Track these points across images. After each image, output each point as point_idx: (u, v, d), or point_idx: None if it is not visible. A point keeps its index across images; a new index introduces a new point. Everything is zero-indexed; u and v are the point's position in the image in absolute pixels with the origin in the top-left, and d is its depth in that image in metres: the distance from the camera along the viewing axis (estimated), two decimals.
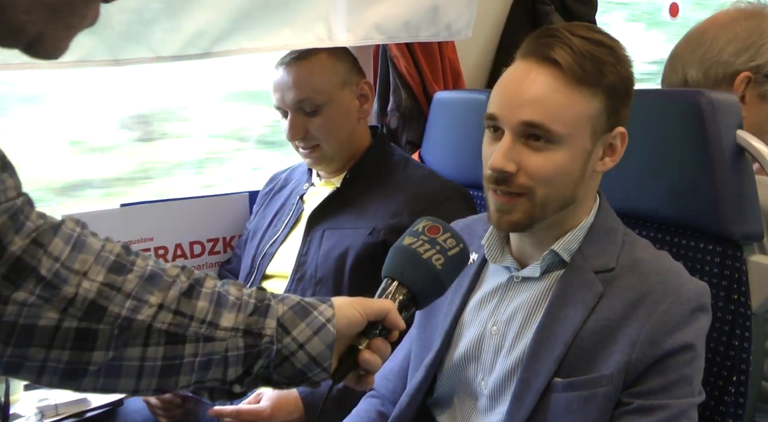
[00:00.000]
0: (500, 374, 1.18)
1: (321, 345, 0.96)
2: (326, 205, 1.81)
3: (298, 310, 0.98)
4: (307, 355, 0.96)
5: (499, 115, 1.13)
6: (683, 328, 1.08)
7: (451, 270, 1.06)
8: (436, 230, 1.06)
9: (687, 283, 1.12)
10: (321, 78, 1.76)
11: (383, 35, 1.93)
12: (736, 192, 1.29)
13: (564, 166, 1.11)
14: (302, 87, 1.75)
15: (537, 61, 1.12)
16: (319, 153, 1.80)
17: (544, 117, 1.09)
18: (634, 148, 1.44)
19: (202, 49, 1.66)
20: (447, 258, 1.04)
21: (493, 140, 1.16)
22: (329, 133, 1.78)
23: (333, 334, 0.96)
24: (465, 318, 1.28)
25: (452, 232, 1.07)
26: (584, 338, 1.11)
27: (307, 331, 0.96)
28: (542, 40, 1.13)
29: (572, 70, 1.09)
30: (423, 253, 1.04)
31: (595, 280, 1.14)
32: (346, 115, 1.81)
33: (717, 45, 1.52)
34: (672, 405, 1.06)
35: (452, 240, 1.06)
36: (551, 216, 1.15)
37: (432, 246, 1.04)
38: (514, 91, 1.12)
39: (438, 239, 1.05)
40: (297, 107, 1.76)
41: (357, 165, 1.84)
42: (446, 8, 2.00)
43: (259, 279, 1.85)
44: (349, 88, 1.82)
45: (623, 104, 1.16)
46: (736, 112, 1.31)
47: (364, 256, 1.70)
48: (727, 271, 1.31)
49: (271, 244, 1.86)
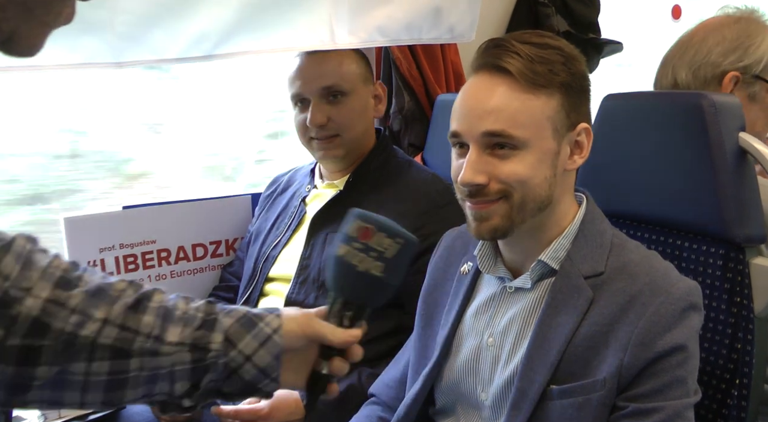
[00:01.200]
0: (499, 385, 1.18)
1: (268, 356, 0.95)
2: (329, 209, 1.80)
3: (244, 322, 0.96)
4: (254, 367, 0.95)
5: (461, 130, 1.15)
6: (674, 329, 1.07)
7: (396, 268, 0.98)
8: (368, 233, 0.98)
9: (676, 283, 1.11)
10: (348, 68, 1.79)
11: (385, 37, 1.94)
12: (738, 194, 1.29)
13: (534, 168, 1.12)
14: (331, 73, 1.76)
15: (489, 73, 1.14)
16: (337, 143, 1.79)
17: (505, 124, 1.10)
18: (637, 151, 1.44)
19: (205, 51, 1.66)
20: (387, 262, 0.97)
21: (459, 156, 1.18)
22: (349, 124, 1.78)
23: (280, 345, 0.95)
24: (462, 328, 1.27)
25: (387, 229, 0.98)
26: (577, 344, 1.11)
27: (253, 343, 0.95)
28: (490, 51, 1.15)
29: (523, 75, 1.10)
30: (358, 265, 0.96)
31: (585, 286, 1.14)
32: (365, 109, 1.83)
33: (705, 46, 1.55)
34: (667, 407, 1.06)
35: (388, 239, 0.97)
36: (530, 219, 1.15)
37: (367, 254, 0.97)
38: (473, 105, 1.14)
39: (371, 244, 0.97)
40: (323, 93, 1.76)
41: (360, 167, 1.84)
42: (449, 11, 1.99)
43: (262, 282, 1.84)
44: (368, 86, 1.84)
45: (581, 101, 1.17)
46: (738, 115, 1.31)
47: None
48: (729, 274, 1.30)
49: (273, 247, 1.86)
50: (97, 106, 2.22)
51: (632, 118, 1.47)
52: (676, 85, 1.58)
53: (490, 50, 1.15)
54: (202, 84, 2.38)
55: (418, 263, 1.64)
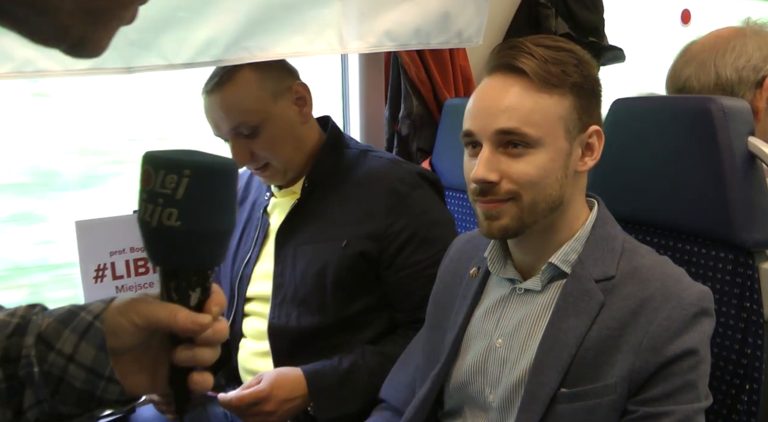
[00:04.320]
0: (507, 387, 1.18)
1: (91, 349, 0.75)
2: (291, 219, 1.74)
3: (64, 317, 0.77)
4: (81, 368, 0.75)
5: (474, 129, 1.16)
6: (685, 334, 1.07)
7: (198, 209, 0.73)
8: (148, 177, 0.73)
9: (687, 288, 1.12)
10: (249, 99, 1.64)
11: (394, 42, 1.93)
12: (747, 199, 1.28)
13: (545, 168, 1.13)
14: (233, 113, 1.63)
15: (503, 73, 1.16)
16: (271, 170, 1.72)
17: (518, 122, 1.12)
18: (646, 155, 1.44)
19: (214, 56, 1.66)
20: (180, 205, 0.72)
21: (472, 156, 1.19)
22: (275, 150, 1.68)
23: (102, 331, 0.75)
24: (471, 330, 1.28)
25: (167, 164, 0.72)
26: (588, 348, 1.11)
27: (72, 338, 0.75)
28: (504, 52, 1.17)
29: (537, 75, 1.13)
30: (150, 221, 0.73)
31: (596, 289, 1.14)
32: (288, 126, 1.70)
33: (747, 50, 1.58)
34: (677, 411, 1.06)
35: (172, 175, 0.71)
36: (542, 219, 1.16)
37: (155, 203, 0.72)
38: (487, 104, 1.16)
39: (156, 188, 0.72)
40: (234, 133, 1.66)
41: (313, 169, 1.74)
42: (457, 16, 2.00)
43: (242, 303, 1.79)
44: (282, 97, 1.69)
45: (592, 104, 1.19)
46: (747, 119, 1.30)
47: (344, 271, 1.64)
48: (738, 279, 1.30)
49: (245, 265, 1.80)
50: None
51: (641, 123, 1.46)
52: (718, 83, 1.59)
53: (504, 51, 1.17)
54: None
55: (398, 261, 1.64)
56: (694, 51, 1.63)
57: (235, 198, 0.76)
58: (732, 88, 1.57)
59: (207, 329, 0.75)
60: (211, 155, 0.75)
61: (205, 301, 0.77)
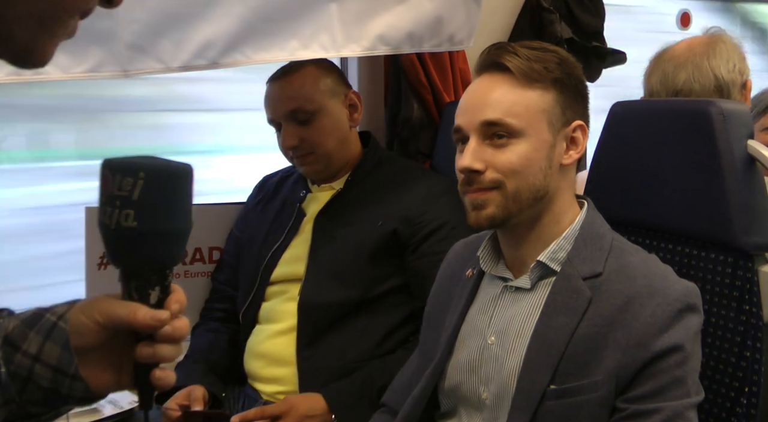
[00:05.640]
0: (500, 385, 1.19)
1: (56, 348, 0.77)
2: (331, 206, 1.86)
3: (29, 319, 0.79)
4: (47, 367, 0.77)
5: (462, 123, 1.23)
6: (670, 329, 1.09)
7: (154, 209, 0.74)
8: (106, 180, 0.75)
9: (673, 285, 1.14)
10: (310, 88, 1.84)
11: (387, 46, 1.96)
12: (747, 202, 1.28)
13: (528, 157, 1.19)
14: (293, 97, 1.82)
15: (490, 71, 1.24)
16: (313, 159, 1.85)
17: (501, 113, 1.19)
18: (645, 158, 1.44)
19: (211, 59, 1.68)
20: (136, 206, 0.73)
21: (461, 152, 1.23)
22: (322, 141, 1.84)
23: (66, 331, 0.77)
24: (464, 328, 1.29)
25: (123, 167, 0.74)
26: (576, 345, 1.13)
27: (37, 339, 0.77)
28: (492, 52, 1.24)
29: (521, 71, 1.20)
30: (109, 223, 0.74)
31: (584, 287, 1.16)
32: (337, 123, 1.87)
33: (729, 55, 1.64)
34: (666, 408, 1.07)
35: (128, 179, 0.73)
36: (527, 209, 1.20)
37: (113, 206, 0.74)
38: (474, 100, 1.24)
39: (113, 191, 0.74)
40: (290, 117, 1.82)
41: (357, 167, 1.90)
42: (449, 20, 2.02)
43: (264, 287, 1.88)
44: (337, 98, 1.88)
45: (576, 100, 1.25)
46: (746, 122, 1.31)
47: (379, 249, 1.77)
48: (738, 282, 1.30)
49: (273, 252, 1.89)
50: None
51: (640, 126, 1.46)
52: (717, 85, 1.63)
53: (491, 52, 1.24)
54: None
55: (422, 247, 1.76)
56: (682, 55, 1.66)
57: (190, 199, 0.78)
58: (728, 90, 1.61)
59: (166, 325, 0.77)
60: (168, 160, 0.77)
61: (164, 299, 0.78)
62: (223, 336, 1.94)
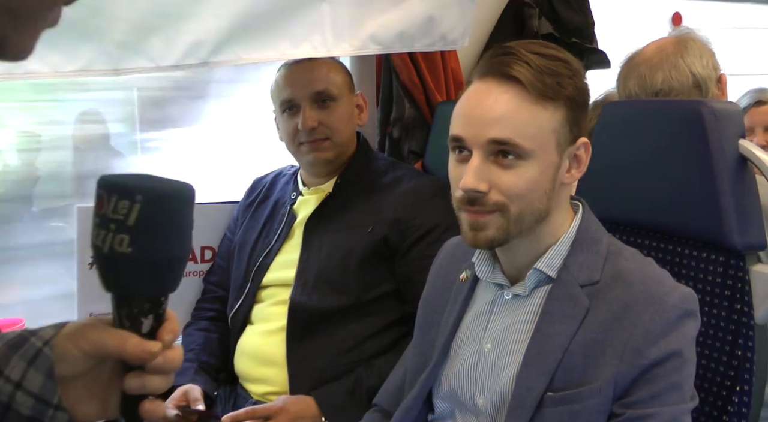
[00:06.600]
0: (496, 391, 1.18)
1: (39, 376, 0.73)
2: (321, 210, 1.85)
3: (14, 343, 0.75)
4: (28, 395, 0.73)
5: (464, 136, 1.13)
6: (668, 336, 1.07)
7: (151, 235, 0.70)
8: (101, 201, 0.71)
9: (670, 291, 1.11)
10: (336, 75, 1.87)
11: (379, 45, 1.97)
12: (738, 202, 1.28)
13: (535, 181, 1.11)
14: (321, 79, 1.84)
15: (497, 80, 1.12)
16: (327, 146, 1.85)
17: (512, 133, 1.09)
18: (636, 158, 1.44)
19: (201, 58, 1.68)
20: (132, 231, 0.69)
21: (459, 162, 1.16)
22: (338, 127, 1.85)
23: (51, 359, 0.73)
24: (460, 334, 1.27)
25: (120, 189, 0.70)
26: (574, 352, 1.11)
27: (21, 364, 0.73)
28: (499, 58, 1.13)
29: (533, 85, 1.10)
30: (102, 246, 0.70)
31: (581, 294, 1.14)
32: (350, 116, 1.90)
33: (702, 52, 1.67)
34: (663, 413, 1.06)
35: (124, 201, 0.69)
36: (527, 231, 1.15)
37: (107, 229, 0.70)
38: (479, 111, 1.13)
39: (108, 213, 0.70)
40: (314, 98, 1.82)
41: (347, 170, 1.89)
42: (441, 19, 2.02)
43: (254, 290, 1.87)
44: (352, 94, 1.92)
45: (582, 115, 1.17)
46: (738, 122, 1.31)
47: (368, 255, 1.76)
48: (729, 281, 1.30)
49: (265, 256, 1.88)
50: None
51: (632, 125, 1.47)
52: (695, 81, 1.65)
53: (498, 57, 1.14)
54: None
55: (413, 251, 1.75)
56: (655, 57, 1.68)
57: (190, 224, 0.74)
58: (706, 85, 1.64)
59: (157, 357, 0.73)
60: (167, 180, 0.73)
61: (157, 328, 0.74)
62: (214, 336, 1.94)
